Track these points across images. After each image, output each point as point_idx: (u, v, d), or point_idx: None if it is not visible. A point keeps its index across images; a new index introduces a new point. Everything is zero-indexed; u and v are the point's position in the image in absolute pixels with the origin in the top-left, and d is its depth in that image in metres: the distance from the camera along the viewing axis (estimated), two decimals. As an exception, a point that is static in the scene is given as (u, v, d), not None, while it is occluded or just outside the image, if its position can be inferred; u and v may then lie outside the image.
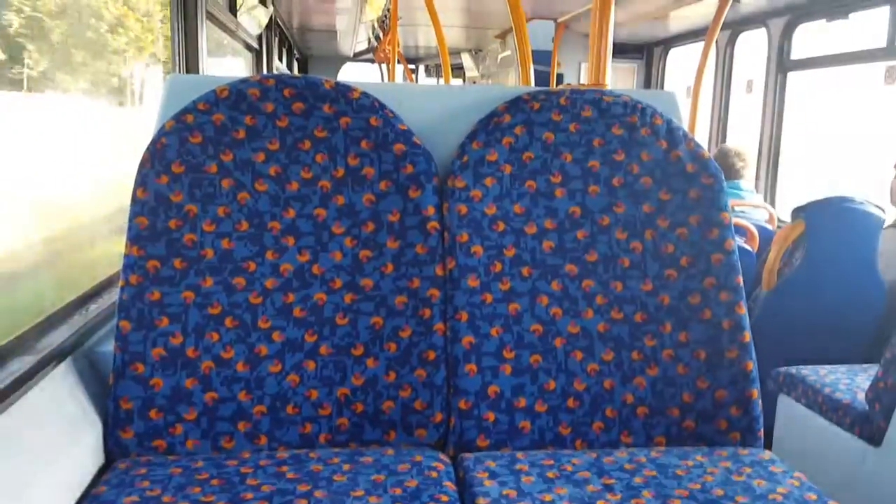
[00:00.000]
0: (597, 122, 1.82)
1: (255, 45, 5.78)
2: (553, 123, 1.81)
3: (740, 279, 1.79)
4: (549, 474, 1.54)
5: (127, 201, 1.67)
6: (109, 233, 2.60)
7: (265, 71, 6.23)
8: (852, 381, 2.52)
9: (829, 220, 3.07)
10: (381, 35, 9.16)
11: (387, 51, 8.47)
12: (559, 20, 6.87)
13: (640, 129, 1.83)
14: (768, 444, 2.69)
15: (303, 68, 11.65)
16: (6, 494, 1.19)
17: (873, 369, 2.64)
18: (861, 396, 2.36)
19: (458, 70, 10.93)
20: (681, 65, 7.10)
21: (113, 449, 1.59)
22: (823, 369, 2.65)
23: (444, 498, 1.44)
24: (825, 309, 3.08)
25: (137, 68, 3.26)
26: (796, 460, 1.75)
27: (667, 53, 7.17)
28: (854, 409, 2.31)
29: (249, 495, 1.42)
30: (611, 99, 1.84)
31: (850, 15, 4.39)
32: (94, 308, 1.88)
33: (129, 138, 2.91)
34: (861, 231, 3.05)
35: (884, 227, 3.08)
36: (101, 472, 1.54)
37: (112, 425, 1.59)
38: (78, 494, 1.42)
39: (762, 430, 1.77)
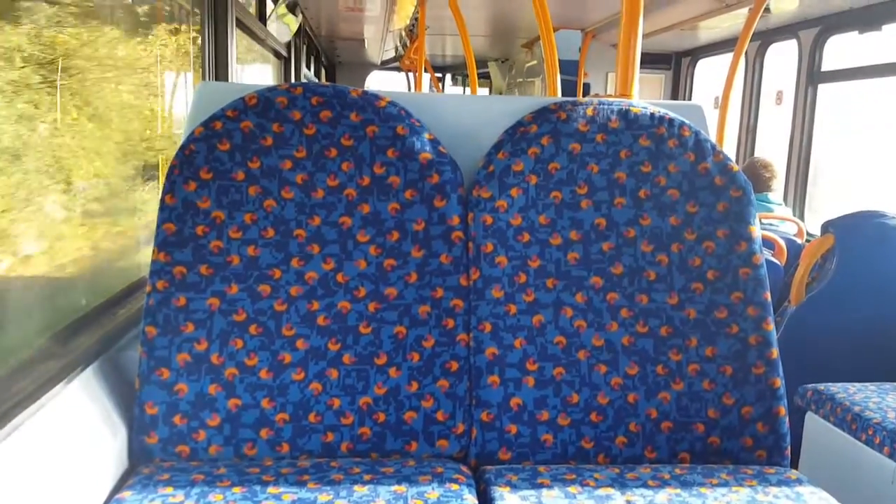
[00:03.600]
0: (624, 134, 1.81)
1: (283, 52, 5.84)
2: (580, 134, 1.80)
3: (768, 294, 1.77)
4: (571, 489, 1.52)
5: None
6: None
7: (293, 78, 6.28)
8: (882, 400, 2.47)
9: (859, 234, 3.02)
10: (408, 43, 9.20)
11: (414, 59, 8.51)
12: (586, 30, 6.86)
13: (667, 140, 1.81)
14: (795, 462, 2.64)
15: (330, 75, 11.73)
16: (32, 497, 1.21)
17: None
18: (891, 415, 2.31)
19: (485, 79, 10.95)
20: (709, 75, 7.04)
21: (137, 453, 1.60)
22: (852, 387, 2.60)
23: None
24: (854, 325, 3.02)
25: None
26: (823, 479, 1.72)
27: (695, 64, 7.12)
28: (884, 427, 2.27)
29: (271, 503, 1.42)
30: (638, 110, 1.83)
31: (884, 27, 4.33)
32: (121, 312, 1.90)
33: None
34: (892, 246, 3.00)
35: None
36: (125, 476, 1.55)
37: (136, 430, 1.60)
38: (102, 498, 1.44)
39: (789, 448, 1.74)
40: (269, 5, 5.02)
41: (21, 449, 1.25)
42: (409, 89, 11.67)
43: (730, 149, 5.73)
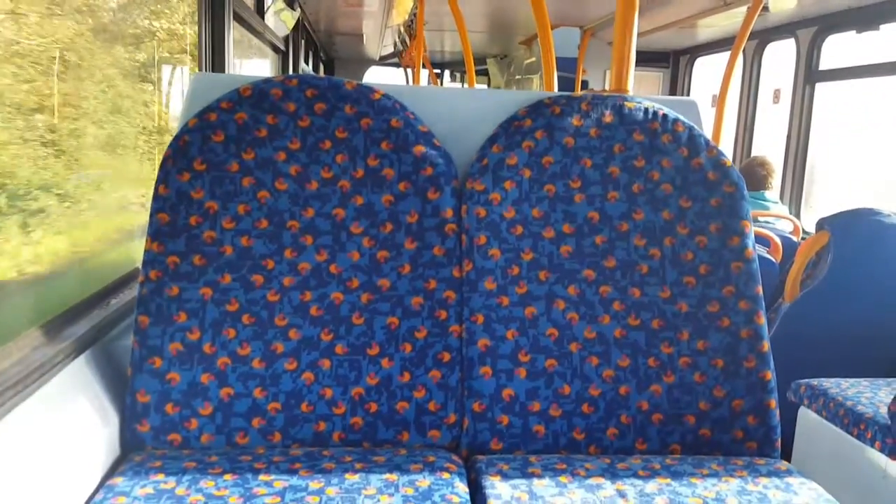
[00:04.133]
0: (618, 128, 1.82)
1: (281, 46, 5.83)
2: (574, 128, 1.81)
3: (760, 288, 1.77)
4: (562, 478, 1.53)
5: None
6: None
7: (291, 72, 6.28)
8: (874, 395, 2.48)
9: (854, 231, 3.03)
10: (407, 39, 9.19)
11: (412, 55, 8.50)
12: (585, 27, 6.85)
13: (661, 135, 1.82)
14: (787, 457, 2.65)
15: (328, 71, 11.71)
16: (24, 483, 1.21)
17: None
18: (883, 410, 2.32)
19: (483, 76, 10.93)
20: (706, 74, 7.04)
21: (129, 441, 1.61)
22: (845, 382, 2.61)
23: (456, 499, 1.44)
24: (848, 321, 3.03)
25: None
26: (816, 474, 1.73)
27: (693, 62, 7.12)
28: (876, 422, 2.28)
29: (262, 490, 1.42)
30: (632, 105, 1.83)
31: (882, 26, 4.33)
32: (115, 302, 1.90)
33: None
34: (887, 244, 3.01)
35: None
36: (117, 463, 1.56)
37: (128, 418, 1.61)
38: (94, 485, 1.44)
39: (780, 440, 1.75)
40: (268, -1, 5.01)
41: (12, 436, 1.25)
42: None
43: (727, 147, 5.73)
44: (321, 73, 10.33)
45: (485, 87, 11.21)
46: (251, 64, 5.12)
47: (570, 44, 6.93)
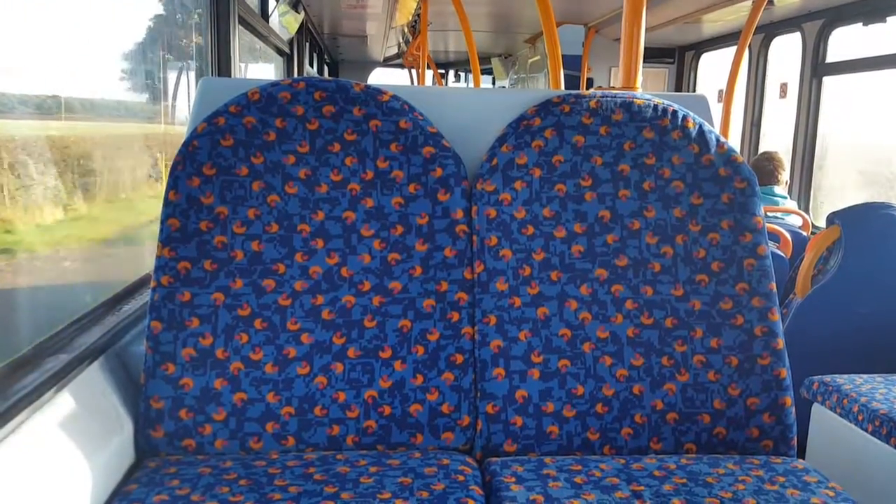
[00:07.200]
0: (627, 126, 1.81)
1: (286, 49, 5.84)
2: (583, 126, 1.80)
3: (773, 285, 1.76)
4: (577, 480, 1.52)
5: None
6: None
7: (296, 75, 6.29)
8: (889, 391, 2.46)
9: (865, 225, 3.01)
10: (410, 40, 9.20)
11: (416, 56, 8.51)
12: (589, 24, 6.84)
13: (671, 132, 1.81)
14: (802, 454, 2.63)
15: (333, 73, 11.74)
16: (39, 491, 1.21)
17: None
18: None
19: (488, 75, 10.94)
20: (712, 69, 7.02)
21: (143, 448, 1.61)
22: (859, 378, 2.60)
23: (471, 502, 1.43)
24: (860, 316, 3.01)
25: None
26: (831, 471, 1.72)
27: (699, 58, 7.10)
28: (891, 418, 2.26)
29: (277, 496, 1.42)
30: (642, 102, 1.83)
31: (888, 18, 4.31)
32: (127, 308, 1.91)
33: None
34: None
35: None
36: (132, 470, 1.56)
37: (142, 424, 1.61)
38: (108, 492, 1.44)
39: (795, 438, 1.74)
40: (272, 2, 5.02)
41: (28, 443, 1.25)
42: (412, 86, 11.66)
43: (734, 142, 5.71)
44: (326, 76, 10.37)
45: (489, 85, 11.21)
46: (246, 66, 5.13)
47: (574, 41, 6.93)
